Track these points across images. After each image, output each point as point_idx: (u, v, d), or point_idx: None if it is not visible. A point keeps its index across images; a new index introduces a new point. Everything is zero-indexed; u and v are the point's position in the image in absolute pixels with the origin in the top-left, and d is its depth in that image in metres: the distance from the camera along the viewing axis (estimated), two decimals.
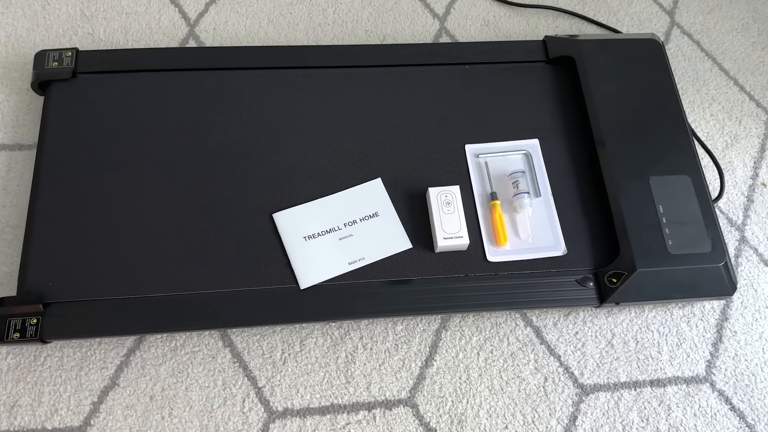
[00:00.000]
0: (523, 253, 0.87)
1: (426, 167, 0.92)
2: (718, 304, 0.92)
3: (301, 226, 0.86)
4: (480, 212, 0.89)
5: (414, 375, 0.85)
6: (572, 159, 0.94)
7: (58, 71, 0.93)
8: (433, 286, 0.85)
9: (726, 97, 1.08)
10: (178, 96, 0.93)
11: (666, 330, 0.90)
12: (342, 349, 0.85)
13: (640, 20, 1.14)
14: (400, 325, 0.87)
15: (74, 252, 0.83)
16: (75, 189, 0.86)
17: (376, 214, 0.88)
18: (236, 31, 1.06)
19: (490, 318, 0.89)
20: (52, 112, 0.91)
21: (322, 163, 0.91)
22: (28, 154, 0.93)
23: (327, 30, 1.08)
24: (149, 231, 0.85)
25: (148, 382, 0.82)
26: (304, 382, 0.83)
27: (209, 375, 0.83)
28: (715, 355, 0.89)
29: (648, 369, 0.87)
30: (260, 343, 0.85)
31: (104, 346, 0.83)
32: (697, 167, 0.91)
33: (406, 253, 0.86)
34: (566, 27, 1.12)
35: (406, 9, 1.11)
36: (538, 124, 0.96)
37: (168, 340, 0.84)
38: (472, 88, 0.98)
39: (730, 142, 1.04)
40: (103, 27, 1.04)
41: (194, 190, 0.88)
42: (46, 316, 0.79)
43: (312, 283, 0.83)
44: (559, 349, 0.87)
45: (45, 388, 0.81)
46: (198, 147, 0.90)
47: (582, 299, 0.85)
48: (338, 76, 0.97)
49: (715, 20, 1.15)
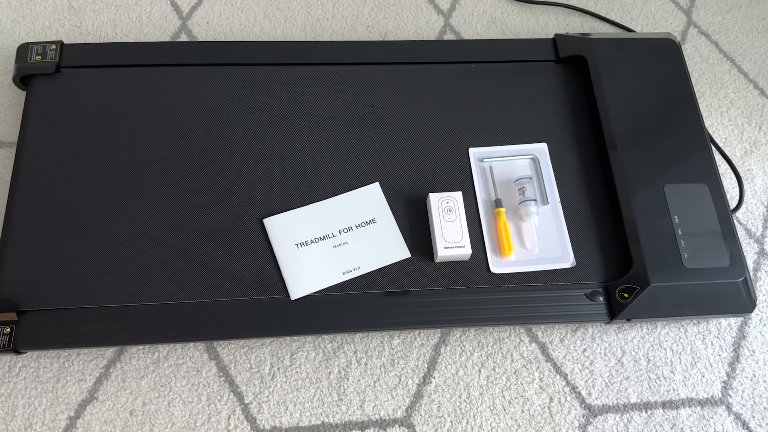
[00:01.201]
0: (528, 265, 0.82)
1: (427, 171, 0.87)
2: (735, 321, 0.87)
3: (292, 232, 0.81)
4: (483, 220, 0.84)
5: (411, 393, 0.80)
6: (582, 165, 0.89)
7: (42, 65, 0.89)
8: (433, 298, 0.80)
9: (745, 101, 1.02)
10: (167, 93, 0.89)
11: (680, 348, 0.85)
12: (335, 364, 0.80)
13: (655, 19, 1.09)
14: (396, 339, 0.83)
15: (52, 257, 0.78)
16: (55, 191, 0.82)
17: (373, 221, 0.83)
18: (231, 25, 1.01)
19: (493, 333, 0.84)
20: (34, 109, 0.86)
21: (316, 165, 0.86)
22: (8, 152, 0.89)
23: (326, 25, 1.03)
24: (132, 236, 0.80)
25: (128, 396, 0.77)
26: (294, 398, 0.78)
27: (193, 389, 0.78)
28: (731, 375, 0.84)
29: (660, 390, 0.82)
30: (248, 356, 0.80)
31: (83, 357, 0.79)
32: (715, 175, 0.86)
33: (404, 262, 0.82)
34: (577, 25, 1.07)
35: (409, 4, 1.06)
36: (546, 127, 0.91)
37: (150, 352, 0.80)
38: (478, 88, 0.93)
39: (749, 149, 0.99)
40: (92, 19, 0.99)
41: (180, 193, 0.83)
42: (20, 324, 0.75)
43: (303, 294, 0.78)
44: (565, 367, 0.82)
45: (19, 401, 0.76)
46: (186, 147, 0.86)
47: (591, 315, 0.80)
48: (336, 74, 0.93)
49: (734, 20, 1.10)
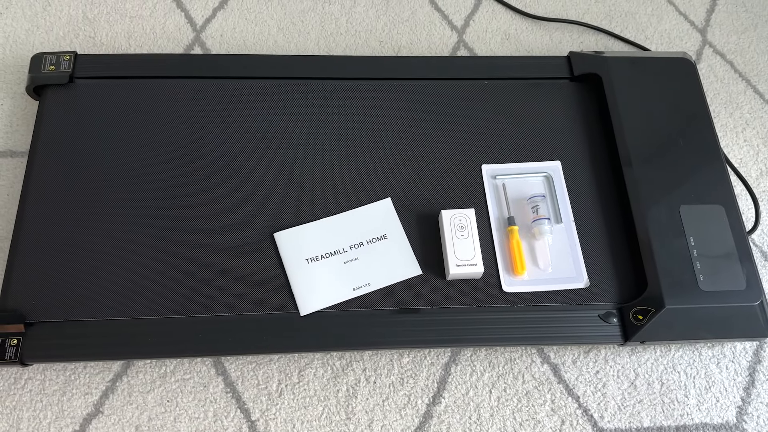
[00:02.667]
0: (541, 284, 0.81)
1: (439, 188, 0.86)
2: (750, 345, 0.86)
3: (303, 247, 0.81)
4: (496, 238, 0.84)
5: (420, 413, 0.78)
6: (596, 184, 0.88)
7: (55, 75, 0.89)
8: (444, 316, 0.79)
9: (761, 122, 1.02)
10: (179, 105, 0.89)
11: (694, 372, 0.83)
12: (343, 382, 0.79)
13: (670, 38, 1.08)
14: (406, 358, 0.81)
15: (61, 269, 0.78)
16: (65, 202, 0.81)
17: (385, 237, 0.83)
18: (244, 38, 1.01)
19: (504, 353, 0.82)
20: (46, 119, 0.86)
21: (328, 179, 0.86)
22: (20, 162, 0.89)
23: (339, 40, 1.03)
24: (141, 249, 0.80)
25: (134, 411, 0.76)
26: (301, 416, 0.77)
27: (200, 405, 0.77)
28: (746, 400, 0.82)
29: (674, 414, 0.81)
30: (255, 372, 0.79)
31: (89, 370, 0.78)
32: (731, 196, 0.85)
33: (415, 279, 0.81)
34: (592, 43, 1.06)
35: (422, 20, 1.06)
36: (560, 145, 0.90)
37: (157, 366, 0.79)
38: (491, 105, 0.93)
39: (765, 170, 0.98)
40: (106, 30, 0.99)
41: (191, 206, 0.82)
42: (27, 336, 0.74)
43: (313, 310, 0.78)
44: (578, 389, 0.81)
45: (24, 414, 0.76)
46: (197, 160, 0.85)
47: (604, 336, 0.79)
48: (349, 89, 0.93)
49: (749, 40, 1.09)
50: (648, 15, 1.10)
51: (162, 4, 1.02)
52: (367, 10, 1.05)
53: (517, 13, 1.08)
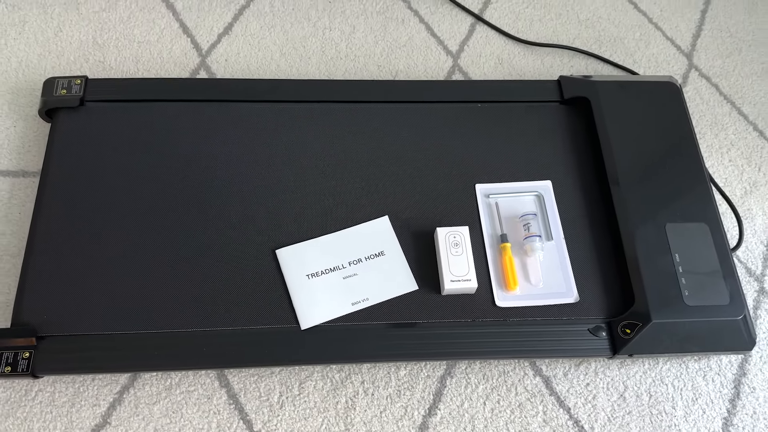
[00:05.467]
0: (533, 299, 0.84)
1: (435, 206, 0.90)
2: (735, 358, 0.88)
3: (304, 263, 0.84)
4: (489, 255, 0.87)
5: (416, 424, 0.81)
6: (586, 203, 0.92)
7: (67, 99, 0.92)
8: (439, 330, 0.82)
9: (745, 143, 1.05)
10: (185, 127, 0.92)
11: (681, 384, 0.86)
12: (342, 394, 0.82)
13: (657, 62, 1.12)
14: (403, 370, 0.84)
15: (71, 285, 0.81)
16: (75, 220, 0.85)
17: (382, 253, 0.86)
18: (248, 63, 1.05)
19: (498, 366, 0.85)
20: (58, 141, 0.90)
21: (328, 198, 0.89)
22: (32, 182, 0.92)
23: (339, 64, 1.07)
24: (148, 266, 0.83)
25: (140, 422, 0.79)
26: (302, 427, 0.80)
27: (204, 417, 0.80)
28: (732, 412, 0.85)
29: (662, 425, 0.83)
30: (257, 384, 0.82)
31: (97, 382, 0.81)
32: (715, 214, 0.89)
33: (411, 294, 0.84)
34: (581, 67, 1.10)
35: (419, 45, 1.10)
36: (551, 165, 0.94)
37: (163, 378, 0.81)
38: (484, 127, 0.96)
39: (749, 189, 1.01)
40: (115, 55, 1.04)
41: (196, 224, 0.86)
42: (39, 350, 0.77)
43: (313, 324, 0.81)
44: (569, 401, 0.84)
45: (34, 425, 0.78)
46: (203, 180, 0.89)
47: (594, 350, 0.82)
48: (349, 111, 0.96)
49: (734, 64, 1.13)
50: (636, 40, 1.14)
51: (169, 30, 1.06)
52: (366, 36, 1.10)
53: (509, 38, 1.12)
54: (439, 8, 1.14)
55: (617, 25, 1.15)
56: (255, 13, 1.10)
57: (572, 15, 1.15)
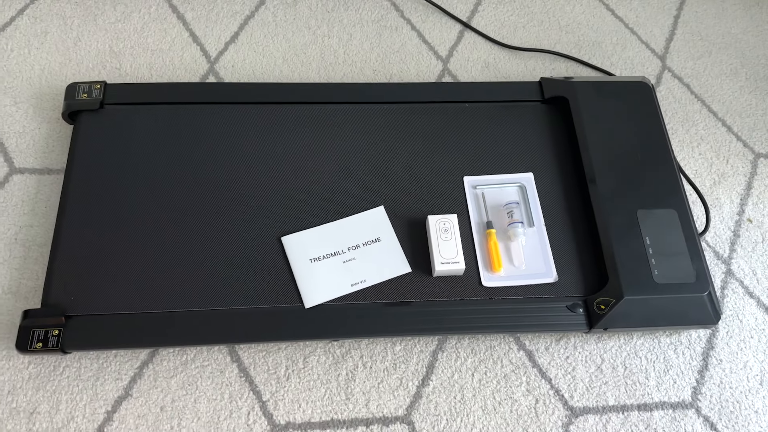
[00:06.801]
0: (516, 279, 0.92)
1: (426, 197, 0.98)
2: (704, 333, 0.96)
3: (307, 249, 0.92)
4: (476, 240, 0.95)
5: (411, 393, 0.89)
6: (564, 192, 0.99)
7: (87, 102, 1.00)
8: (431, 308, 0.89)
9: (714, 138, 1.13)
10: (197, 127, 1.00)
11: (654, 357, 0.93)
12: (343, 367, 0.90)
13: (633, 64, 1.21)
14: (398, 346, 0.92)
15: (95, 269, 0.89)
16: (98, 211, 0.92)
17: (378, 240, 0.94)
18: (253, 68, 1.13)
19: (485, 341, 0.93)
20: (81, 140, 0.98)
21: (329, 190, 0.97)
22: (56, 178, 1.00)
23: (337, 69, 1.15)
24: (166, 251, 0.91)
25: (159, 394, 0.87)
26: (306, 397, 0.87)
27: (217, 388, 0.87)
28: (701, 382, 0.93)
29: (636, 393, 0.91)
30: (266, 359, 0.90)
31: (119, 358, 0.88)
32: (683, 202, 0.96)
33: (405, 276, 0.91)
34: (562, 69, 1.19)
35: (411, 51, 1.18)
36: (533, 159, 1.02)
37: (179, 354, 0.89)
38: (472, 125, 1.04)
39: (717, 180, 1.09)
40: (130, 62, 1.12)
41: (208, 214, 0.94)
42: (67, 327, 0.84)
43: (316, 303, 0.88)
44: (550, 373, 0.91)
45: (63, 397, 0.86)
46: (214, 174, 0.97)
47: (572, 324, 0.89)
48: (347, 112, 1.04)
49: (704, 65, 1.21)
50: (613, 44, 1.22)
51: (179, 39, 1.15)
52: (362, 43, 1.18)
53: (495, 44, 1.20)
54: (429, 17, 1.22)
55: (596, 31, 1.24)
56: (259, 23, 1.18)
57: (554, 21, 1.24)
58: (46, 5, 1.15)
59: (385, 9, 1.22)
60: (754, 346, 0.95)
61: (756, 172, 1.10)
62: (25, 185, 0.99)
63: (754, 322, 0.97)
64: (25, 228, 0.96)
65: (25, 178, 1.00)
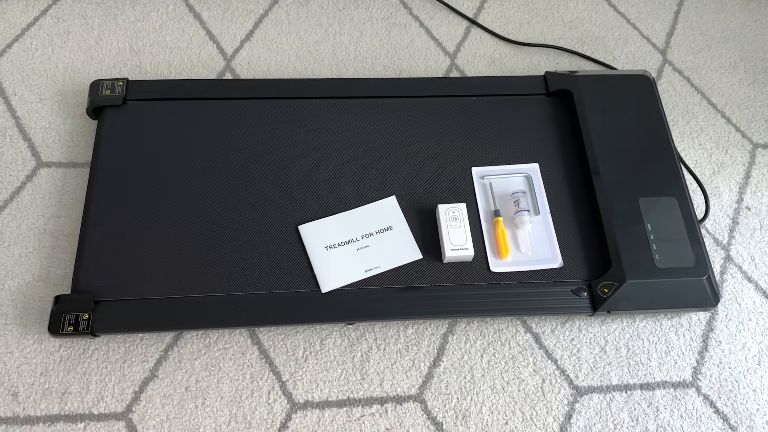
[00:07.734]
0: (523, 265, 0.96)
1: (436, 187, 1.01)
2: (704, 315, 1.00)
3: (323, 237, 0.96)
4: (484, 227, 0.98)
5: (423, 374, 0.93)
6: (569, 181, 1.03)
7: (111, 98, 1.05)
8: (441, 293, 0.93)
9: (714, 129, 1.17)
10: (215, 121, 1.04)
11: (655, 338, 0.97)
12: (358, 349, 0.94)
13: (634, 58, 1.24)
14: (411, 329, 0.96)
15: (122, 257, 0.93)
16: (123, 202, 0.97)
17: (391, 228, 0.98)
18: (268, 65, 1.17)
19: (493, 324, 0.97)
20: (105, 134, 1.02)
21: (343, 181, 1.01)
22: (81, 171, 1.04)
23: (349, 65, 1.19)
24: (189, 239, 0.95)
25: (184, 375, 0.91)
26: (324, 377, 0.92)
27: (239, 369, 0.91)
28: (701, 362, 0.96)
29: (638, 373, 0.95)
30: (285, 341, 0.94)
31: (146, 341, 0.93)
32: (683, 190, 1.00)
33: (417, 262, 0.95)
34: (566, 64, 1.22)
35: (420, 47, 1.22)
36: (538, 150, 1.06)
37: (203, 337, 0.93)
38: (479, 118, 1.08)
39: (717, 169, 1.13)
40: (149, 60, 1.16)
41: (229, 204, 0.98)
42: (96, 312, 0.89)
43: (332, 288, 0.92)
44: (556, 354, 0.95)
45: (92, 378, 0.90)
46: (233, 166, 1.01)
47: (576, 308, 0.93)
48: (359, 106, 1.08)
49: (704, 59, 1.25)
50: (615, 39, 1.26)
51: (197, 37, 1.19)
52: (372, 40, 1.22)
53: (501, 39, 1.24)
54: (437, 14, 1.26)
55: (598, 26, 1.27)
56: (273, 21, 1.22)
57: (557, 17, 1.28)
58: (68, 5, 1.20)
59: (394, 6, 1.26)
60: (752, 328, 0.99)
61: (754, 161, 1.14)
62: (52, 178, 1.04)
63: (752, 306, 1.01)
64: (53, 219, 1.00)
65: (51, 172, 1.04)
